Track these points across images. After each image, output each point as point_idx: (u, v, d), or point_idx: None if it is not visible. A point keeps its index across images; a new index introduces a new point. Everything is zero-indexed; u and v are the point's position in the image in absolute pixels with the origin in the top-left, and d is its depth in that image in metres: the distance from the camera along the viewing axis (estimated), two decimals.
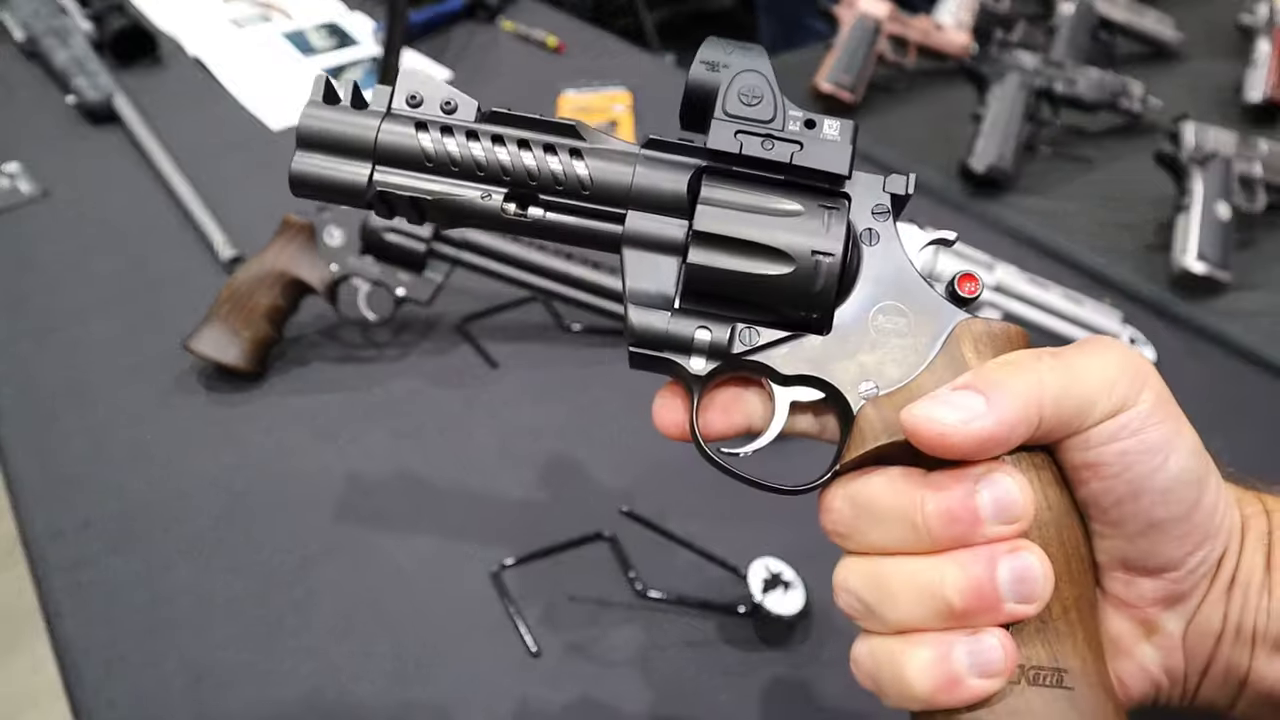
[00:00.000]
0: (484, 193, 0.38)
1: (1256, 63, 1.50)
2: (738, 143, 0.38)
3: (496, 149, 0.38)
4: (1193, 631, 0.38)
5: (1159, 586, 0.37)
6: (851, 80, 1.41)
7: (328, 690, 0.69)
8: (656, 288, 0.38)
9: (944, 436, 0.34)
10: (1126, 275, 1.15)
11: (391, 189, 0.38)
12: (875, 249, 0.38)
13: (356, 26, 1.61)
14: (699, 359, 0.38)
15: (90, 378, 0.93)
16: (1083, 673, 0.35)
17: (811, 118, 0.38)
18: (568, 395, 0.92)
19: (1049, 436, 0.36)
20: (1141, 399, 0.36)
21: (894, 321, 0.38)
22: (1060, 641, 0.35)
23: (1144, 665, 0.38)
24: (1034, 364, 0.36)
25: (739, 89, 0.38)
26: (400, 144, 0.38)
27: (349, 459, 0.86)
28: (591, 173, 0.38)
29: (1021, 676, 0.34)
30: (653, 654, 0.71)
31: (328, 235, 0.92)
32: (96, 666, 0.69)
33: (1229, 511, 0.38)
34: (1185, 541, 0.36)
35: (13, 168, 1.22)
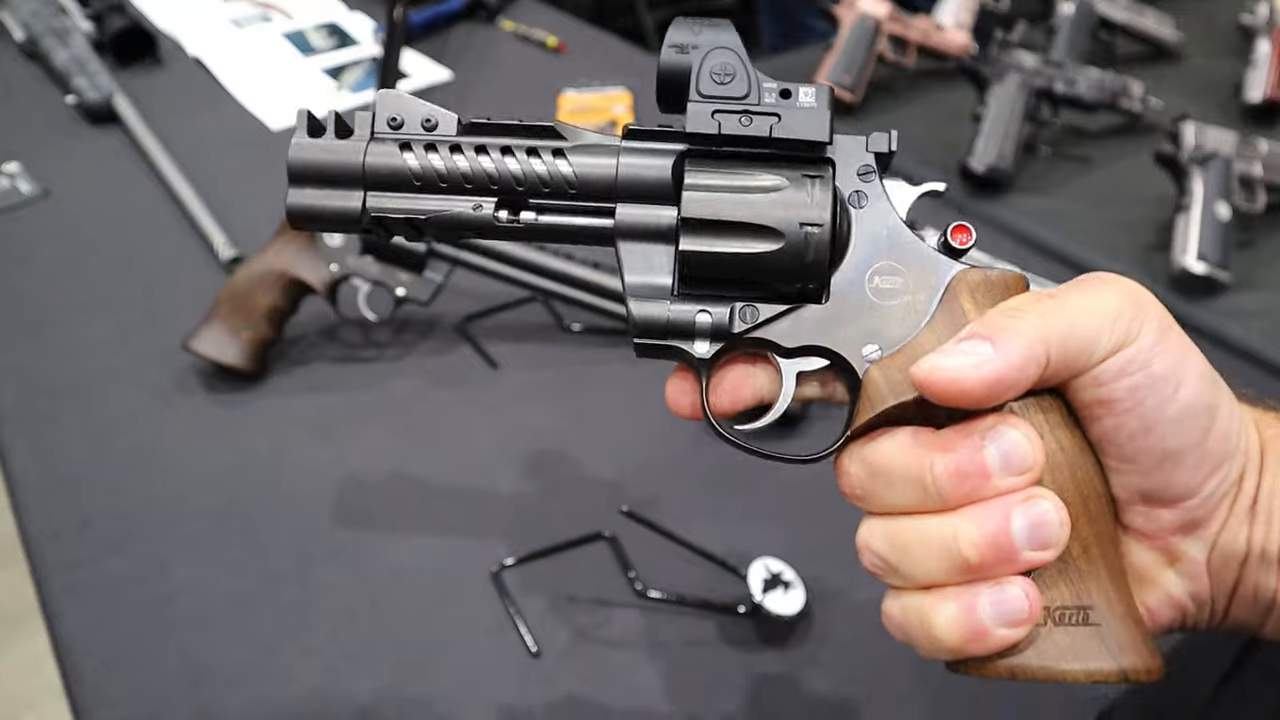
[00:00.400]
0: (475, 204, 0.39)
1: (1256, 63, 1.50)
2: (716, 123, 0.38)
3: (480, 159, 0.39)
4: (1216, 556, 0.38)
5: (1178, 515, 0.37)
6: (851, 80, 1.41)
7: (328, 690, 0.69)
8: (654, 278, 0.39)
9: (956, 383, 0.35)
10: (1126, 275, 1.14)
11: (385, 213, 0.39)
12: (864, 211, 0.39)
13: (356, 26, 1.61)
14: (702, 342, 0.39)
15: (90, 378, 0.93)
16: (1108, 607, 0.35)
17: (787, 87, 0.38)
18: (568, 395, 0.92)
19: (1056, 377, 0.36)
20: (1145, 331, 0.36)
21: (890, 281, 0.38)
22: (1083, 580, 0.35)
23: (1170, 592, 0.39)
24: (1036, 306, 0.36)
25: (710, 68, 0.38)
26: (387, 166, 0.39)
27: (349, 459, 0.86)
28: (576, 170, 0.39)
29: (1048, 618, 0.35)
30: (653, 654, 0.71)
31: (328, 235, 0.92)
32: (96, 666, 0.69)
33: (1244, 433, 0.38)
34: (1201, 468, 0.36)
35: (13, 168, 1.22)
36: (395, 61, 1.29)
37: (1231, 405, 0.38)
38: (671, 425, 0.88)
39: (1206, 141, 1.17)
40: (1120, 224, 1.23)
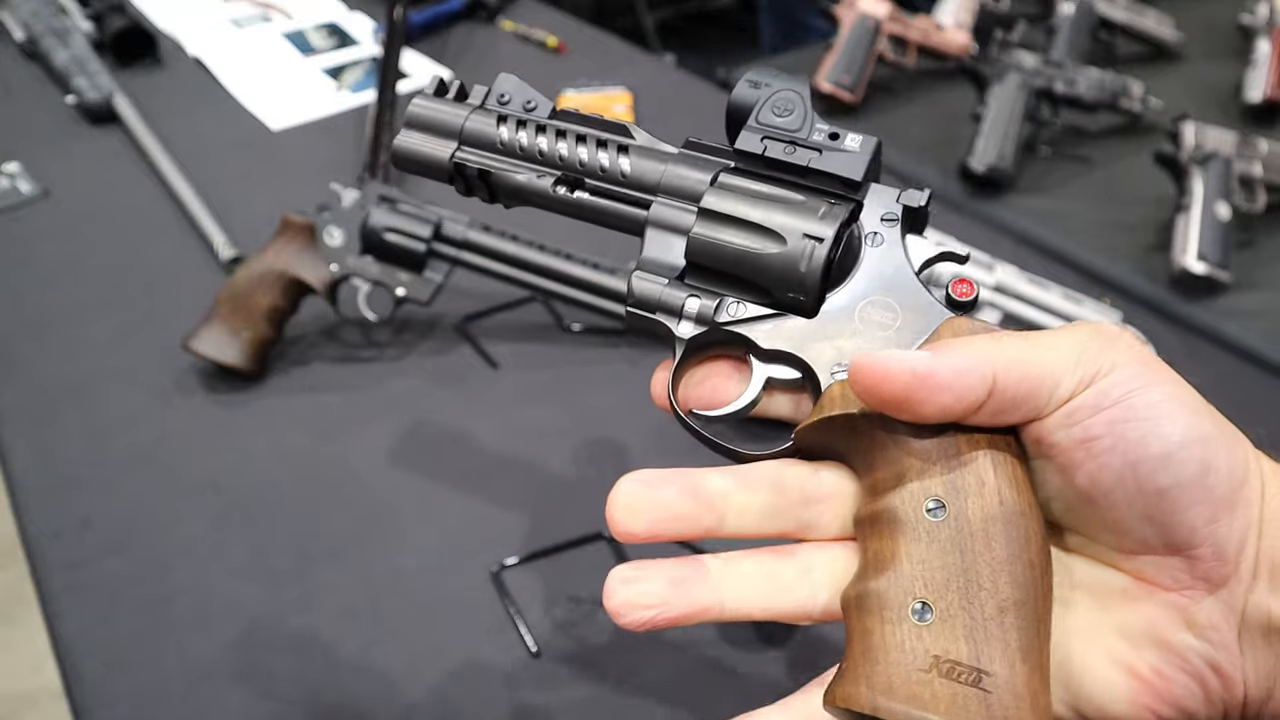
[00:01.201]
0: (539, 173, 0.44)
1: (1256, 63, 1.50)
2: (763, 146, 0.42)
3: (558, 142, 0.44)
4: (1249, 625, 0.34)
5: (1191, 566, 0.34)
6: (851, 80, 1.41)
7: (328, 690, 0.69)
8: (664, 259, 0.42)
9: (880, 368, 0.34)
10: (1126, 275, 1.15)
11: (467, 162, 0.45)
12: (877, 250, 0.40)
13: (356, 26, 1.61)
14: (686, 324, 0.41)
15: (90, 378, 0.93)
16: (1008, 682, 0.32)
17: (837, 131, 0.41)
18: (568, 395, 0.92)
19: (1010, 410, 0.34)
20: (1119, 364, 0.34)
21: (881, 315, 0.39)
22: (989, 642, 0.33)
23: (1186, 658, 0.34)
24: (993, 336, 0.36)
25: (774, 102, 0.42)
26: (481, 131, 0.45)
27: (349, 459, 0.86)
28: (632, 166, 0.43)
29: (934, 666, 0.33)
30: (653, 654, 0.71)
31: (328, 235, 0.92)
32: (96, 666, 0.70)
33: (1251, 471, 0.34)
34: (1202, 510, 0.33)
35: (13, 168, 1.22)
36: (395, 61, 1.29)
37: (1234, 442, 0.34)
38: (671, 425, 0.88)
39: (1206, 141, 1.17)
40: (1120, 224, 1.23)
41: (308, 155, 1.28)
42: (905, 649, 0.33)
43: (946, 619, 0.33)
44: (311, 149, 1.30)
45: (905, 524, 0.34)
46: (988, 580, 0.33)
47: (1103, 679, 0.35)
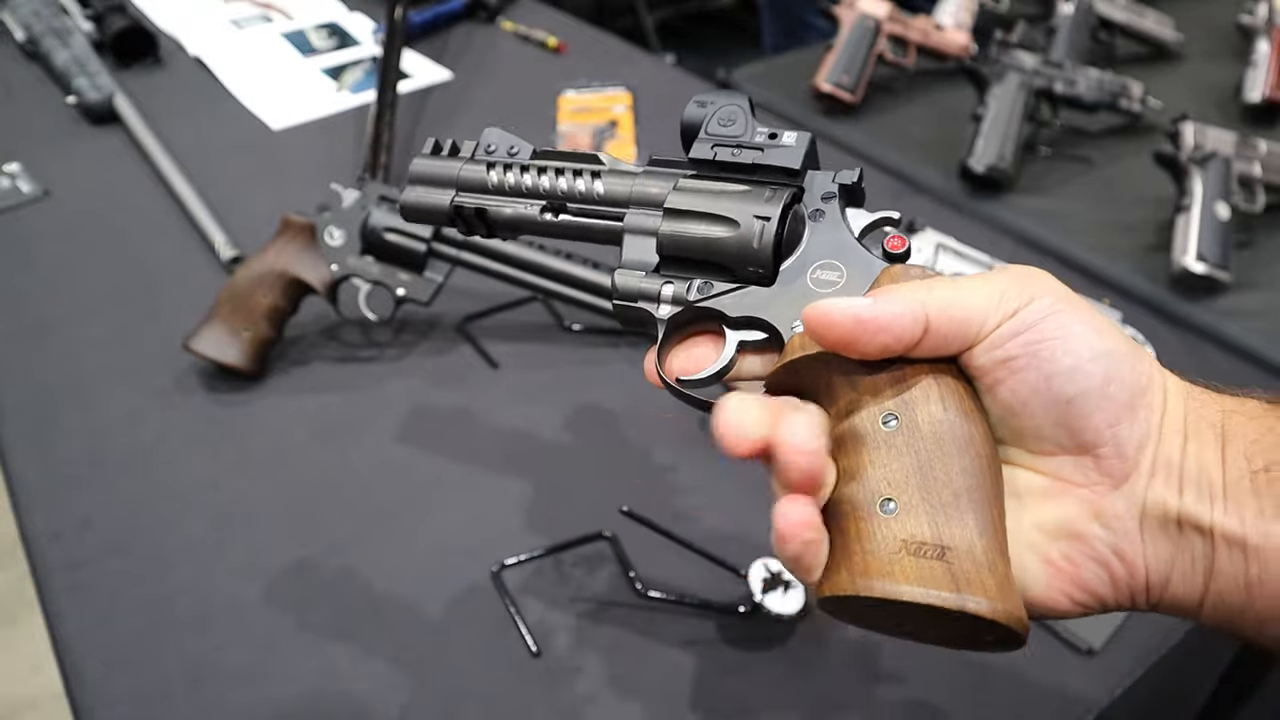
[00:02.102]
0: (527, 205, 0.51)
1: (1256, 63, 1.49)
2: (713, 153, 0.49)
3: (540, 177, 0.51)
4: (1149, 517, 0.39)
5: (1096, 464, 0.39)
6: (851, 80, 1.41)
7: (328, 690, 0.69)
8: (641, 257, 0.48)
9: (827, 316, 0.39)
10: (1126, 275, 1.15)
11: (464, 205, 0.52)
12: (820, 224, 0.46)
13: (356, 26, 1.61)
14: (665, 306, 0.47)
15: (90, 378, 0.93)
16: (968, 553, 0.37)
17: (775, 131, 0.48)
18: (568, 395, 0.92)
19: (948, 343, 0.40)
20: (1036, 297, 0.39)
21: (829, 275, 0.44)
22: (948, 524, 0.38)
23: (1094, 546, 0.39)
24: (920, 281, 0.41)
25: (719, 115, 0.49)
26: (474, 178, 0.52)
27: (349, 459, 0.86)
28: (605, 187, 0.50)
29: (903, 548, 0.38)
30: (653, 654, 0.71)
31: (328, 235, 0.92)
32: (96, 666, 0.70)
33: (1153, 382, 0.39)
34: (1105, 413, 0.38)
35: (13, 168, 1.22)
36: (395, 61, 1.29)
37: (1137, 358, 0.39)
38: (672, 425, 0.88)
39: (1206, 141, 1.17)
40: (1120, 224, 1.23)
41: (308, 155, 1.28)
42: (877, 539, 0.38)
43: (909, 509, 0.38)
44: (311, 149, 1.30)
45: (866, 437, 0.40)
46: (941, 473, 0.39)
47: (1023, 567, 0.40)
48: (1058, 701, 0.69)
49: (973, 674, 0.70)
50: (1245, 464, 0.38)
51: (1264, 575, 0.37)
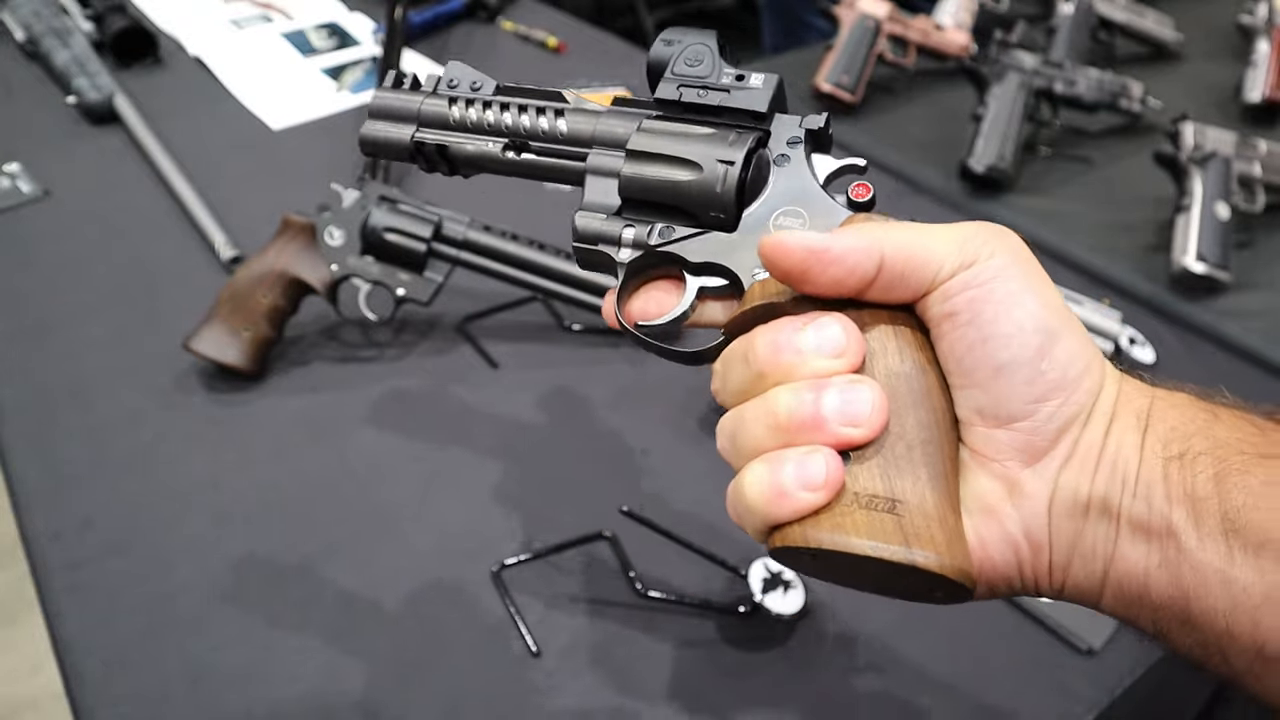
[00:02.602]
0: (490, 141, 0.50)
1: (1256, 63, 1.50)
2: (679, 93, 0.47)
3: (503, 114, 0.50)
4: (1058, 499, 0.38)
5: (1013, 438, 0.38)
6: (851, 80, 1.41)
7: (328, 690, 0.69)
8: (602, 200, 0.47)
9: (782, 245, 0.39)
10: (1126, 275, 1.15)
11: (425, 140, 0.51)
12: (784, 169, 0.45)
13: (356, 26, 1.61)
14: (625, 250, 0.46)
15: (90, 378, 0.93)
16: (919, 505, 0.37)
17: (742, 73, 0.47)
18: (568, 395, 0.92)
19: (904, 286, 0.39)
20: (995, 254, 0.38)
21: (792, 222, 0.44)
22: (900, 476, 0.38)
23: (1006, 527, 0.39)
24: (881, 222, 0.40)
25: (685, 55, 0.48)
26: (435, 112, 0.51)
27: (349, 459, 0.86)
28: (568, 125, 0.49)
29: (855, 501, 0.37)
30: (653, 654, 0.71)
31: (328, 235, 0.92)
32: (96, 666, 0.70)
33: (1089, 372, 0.38)
34: (1033, 387, 0.37)
35: (13, 168, 1.22)
36: (395, 62, 1.29)
37: (1079, 342, 0.38)
38: (672, 425, 0.88)
39: (1206, 141, 1.17)
40: (1120, 224, 1.23)
41: (308, 155, 1.28)
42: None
43: (862, 461, 0.38)
44: (312, 149, 1.30)
45: None
46: (895, 425, 0.38)
47: None
48: (1058, 701, 0.69)
49: (973, 674, 0.70)
50: (1160, 450, 0.37)
51: (1162, 562, 0.36)
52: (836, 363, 0.38)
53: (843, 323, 0.39)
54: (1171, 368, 0.98)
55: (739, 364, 0.41)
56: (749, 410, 0.40)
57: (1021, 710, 0.69)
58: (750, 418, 0.40)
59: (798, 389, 0.38)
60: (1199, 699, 0.91)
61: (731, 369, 0.42)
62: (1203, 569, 0.36)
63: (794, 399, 0.38)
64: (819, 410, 0.38)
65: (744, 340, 0.41)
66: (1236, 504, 0.35)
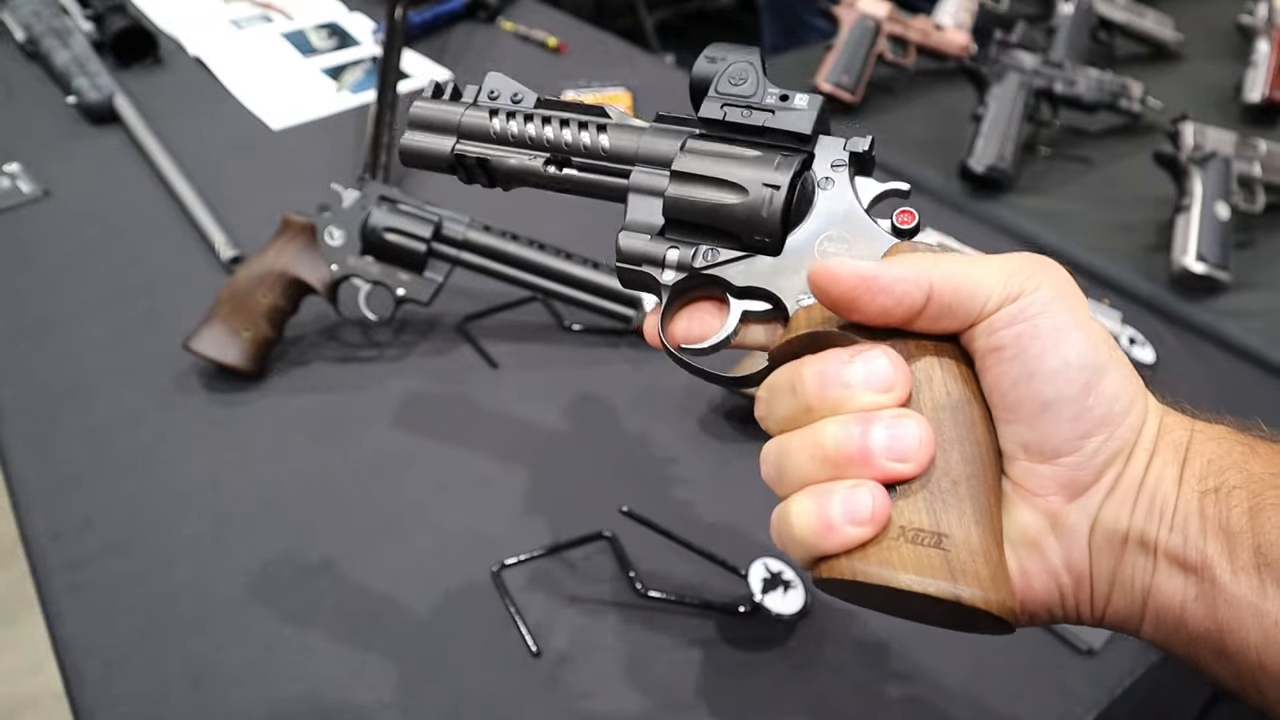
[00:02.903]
0: (531, 156, 0.50)
1: (1256, 63, 1.50)
2: (723, 112, 0.47)
3: (544, 128, 0.49)
4: (1099, 532, 0.38)
5: (1058, 473, 0.38)
6: (851, 80, 1.41)
7: (328, 690, 0.69)
8: (646, 219, 0.47)
9: (830, 272, 0.39)
10: (1126, 275, 1.15)
11: (466, 153, 0.50)
12: (829, 192, 0.45)
13: (356, 26, 1.61)
14: (669, 272, 0.46)
15: (90, 378, 0.93)
16: (964, 540, 0.37)
17: (786, 93, 0.46)
18: (568, 395, 0.92)
19: (951, 316, 0.39)
20: (1041, 288, 0.38)
21: (837, 247, 0.44)
22: (946, 510, 0.38)
23: (1049, 560, 0.39)
24: (929, 253, 0.40)
25: (730, 73, 0.47)
26: (476, 124, 0.51)
27: (349, 459, 0.86)
28: (611, 141, 0.48)
29: (901, 535, 0.38)
30: (653, 654, 0.71)
31: (328, 235, 0.92)
32: (96, 666, 0.70)
33: (1134, 407, 0.38)
34: (1079, 424, 0.38)
35: (13, 168, 1.22)
36: (395, 62, 1.29)
37: (1125, 377, 0.38)
38: (672, 426, 0.88)
39: (1206, 142, 1.17)
40: (1120, 224, 1.23)
41: (308, 155, 1.28)
42: None
43: (908, 495, 0.38)
44: (311, 149, 1.30)
45: None
46: (941, 459, 0.38)
47: None
48: (1058, 701, 0.69)
49: (973, 674, 0.70)
50: (1197, 484, 0.38)
51: (1199, 596, 0.37)
52: (884, 397, 0.39)
53: (890, 356, 0.39)
54: (1171, 368, 0.98)
55: (785, 395, 0.41)
56: (795, 441, 0.40)
57: (1021, 710, 0.68)
58: (796, 449, 0.40)
59: (845, 422, 0.38)
60: (1199, 699, 0.91)
61: (777, 399, 0.42)
62: (1236, 603, 0.36)
63: (841, 433, 0.38)
64: (866, 445, 0.38)
65: (790, 370, 0.41)
66: (1271, 539, 0.36)
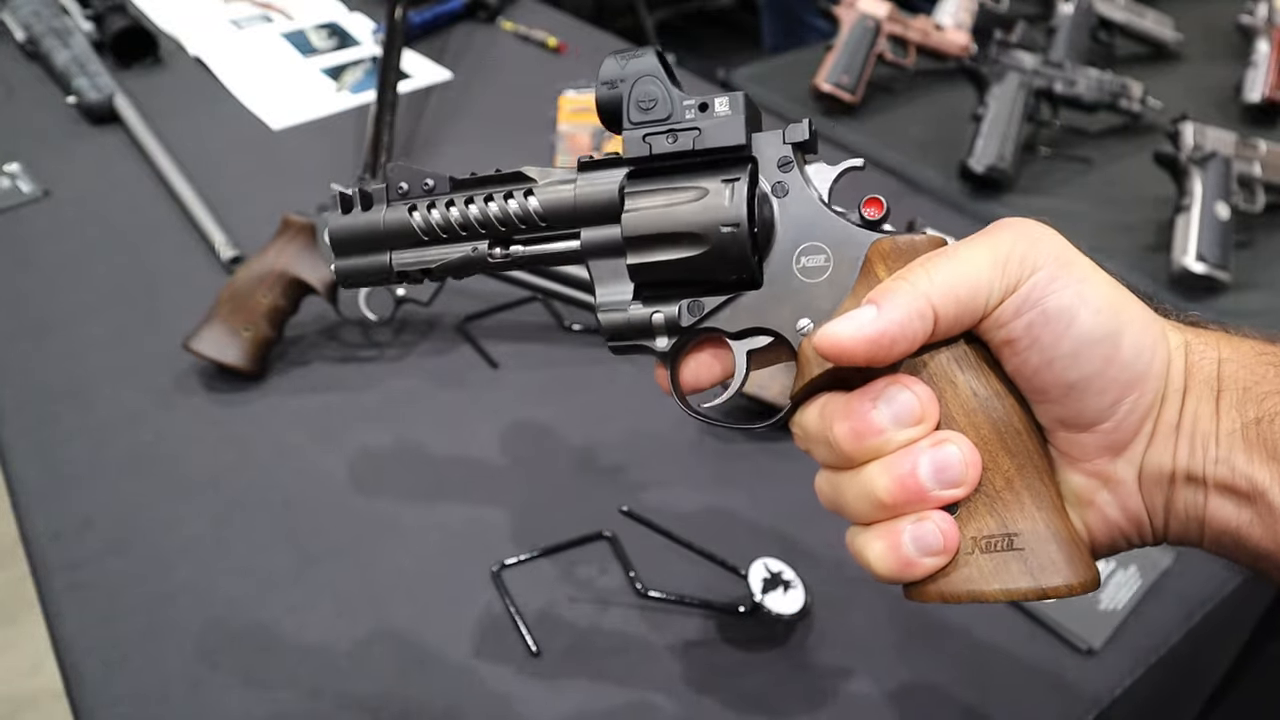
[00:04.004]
0: (473, 246, 0.47)
1: (1256, 63, 1.49)
2: (647, 145, 0.44)
3: (469, 208, 0.47)
4: (1146, 476, 0.40)
5: (1098, 439, 0.39)
6: (851, 80, 1.41)
7: (328, 690, 0.69)
8: (616, 291, 0.45)
9: (840, 344, 0.39)
10: (1126, 275, 1.14)
11: (407, 267, 0.48)
12: (787, 199, 0.43)
13: (356, 26, 1.61)
14: (661, 338, 0.45)
15: (90, 378, 0.93)
16: (1033, 532, 0.39)
17: (704, 101, 0.44)
18: (568, 395, 0.92)
19: (959, 324, 0.39)
20: (1038, 269, 0.38)
21: (815, 260, 0.42)
22: (1007, 509, 0.39)
23: (1106, 513, 0.41)
24: (924, 266, 0.40)
25: (636, 98, 0.44)
26: (400, 226, 0.48)
27: (349, 459, 0.86)
28: (543, 204, 0.46)
29: (974, 547, 0.39)
30: (653, 654, 0.71)
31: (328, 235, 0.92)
32: (96, 666, 0.70)
33: (1157, 357, 0.39)
34: (1107, 394, 0.38)
35: (13, 168, 1.22)
36: (395, 62, 1.29)
37: (1141, 332, 0.39)
38: (672, 425, 0.88)
39: (1206, 142, 1.17)
40: (1120, 224, 1.23)
41: (308, 155, 1.28)
42: None
43: (967, 505, 0.39)
44: (311, 149, 1.30)
45: None
46: (988, 461, 0.39)
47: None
48: (1058, 701, 0.69)
49: (973, 674, 0.70)
50: (1237, 415, 0.38)
51: (1254, 519, 0.38)
52: (917, 430, 0.39)
53: (911, 386, 0.40)
54: None
55: (822, 445, 0.42)
56: (847, 485, 0.41)
57: (1021, 710, 0.68)
58: (852, 495, 0.41)
59: (890, 466, 0.39)
60: (1199, 699, 0.91)
61: (815, 446, 0.43)
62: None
63: (890, 480, 0.39)
64: (918, 484, 0.39)
65: (819, 419, 0.42)
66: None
